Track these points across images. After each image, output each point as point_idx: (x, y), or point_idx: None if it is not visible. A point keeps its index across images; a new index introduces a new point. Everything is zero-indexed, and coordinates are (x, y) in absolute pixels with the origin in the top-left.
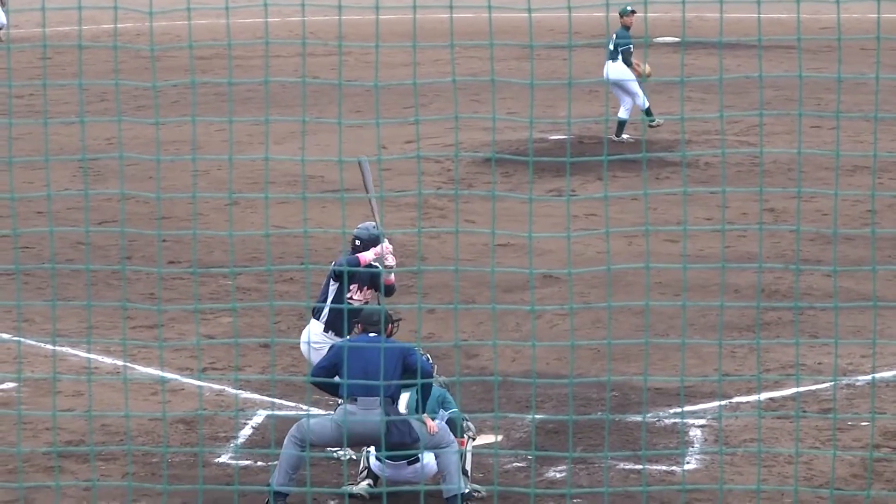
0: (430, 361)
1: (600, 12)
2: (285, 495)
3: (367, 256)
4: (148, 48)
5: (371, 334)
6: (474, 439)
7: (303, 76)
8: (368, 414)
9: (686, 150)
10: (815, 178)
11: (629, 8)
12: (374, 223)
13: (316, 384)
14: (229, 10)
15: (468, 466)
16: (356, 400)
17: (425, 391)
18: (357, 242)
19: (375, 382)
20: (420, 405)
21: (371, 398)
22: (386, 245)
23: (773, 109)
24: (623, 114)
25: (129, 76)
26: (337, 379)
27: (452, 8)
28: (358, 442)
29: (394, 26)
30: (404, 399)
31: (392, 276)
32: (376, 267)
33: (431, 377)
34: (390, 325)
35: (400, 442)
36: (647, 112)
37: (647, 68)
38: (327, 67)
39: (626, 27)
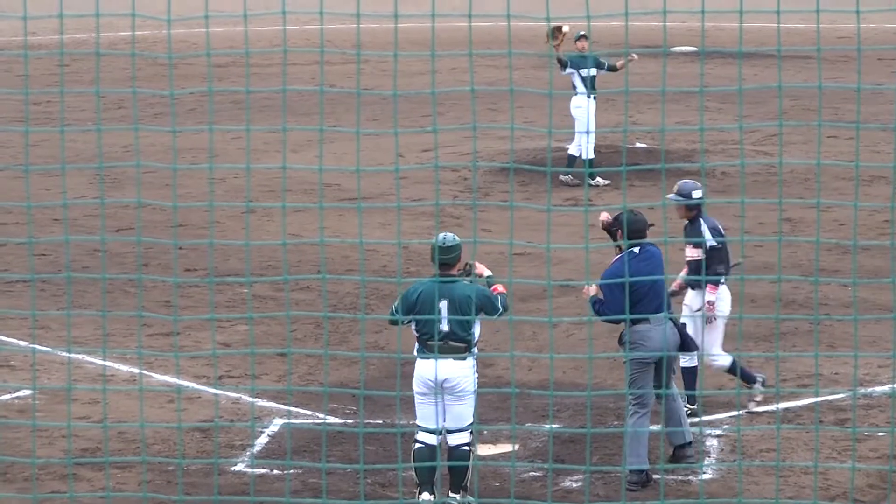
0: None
1: (619, 21)
2: (642, 471)
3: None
4: (165, 56)
5: (639, 250)
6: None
7: (321, 84)
8: (661, 328)
9: (703, 159)
10: (832, 188)
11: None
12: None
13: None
14: (247, 17)
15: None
16: (649, 320)
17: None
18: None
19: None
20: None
21: (659, 315)
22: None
23: (791, 119)
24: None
25: (146, 84)
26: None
27: (471, 16)
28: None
29: (411, 35)
30: None
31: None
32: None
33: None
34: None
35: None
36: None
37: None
38: (344, 76)
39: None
